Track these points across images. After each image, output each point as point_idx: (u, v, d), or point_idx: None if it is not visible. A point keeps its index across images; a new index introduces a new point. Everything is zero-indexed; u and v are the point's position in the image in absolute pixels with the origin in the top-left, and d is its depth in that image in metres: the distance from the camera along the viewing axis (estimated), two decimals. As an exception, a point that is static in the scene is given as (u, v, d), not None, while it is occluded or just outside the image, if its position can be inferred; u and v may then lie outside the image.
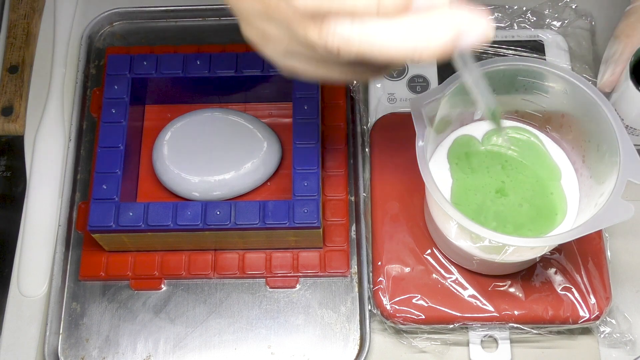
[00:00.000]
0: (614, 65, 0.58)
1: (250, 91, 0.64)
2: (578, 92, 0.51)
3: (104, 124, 0.60)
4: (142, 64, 0.62)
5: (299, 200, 0.57)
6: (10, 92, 0.68)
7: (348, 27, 0.34)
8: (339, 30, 0.34)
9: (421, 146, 0.48)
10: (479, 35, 0.33)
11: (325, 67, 0.39)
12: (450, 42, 0.33)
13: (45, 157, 0.65)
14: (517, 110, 0.56)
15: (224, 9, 0.70)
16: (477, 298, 0.56)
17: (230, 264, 0.60)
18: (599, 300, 0.55)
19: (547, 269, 0.57)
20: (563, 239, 0.47)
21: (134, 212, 0.56)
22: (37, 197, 0.64)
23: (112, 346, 0.58)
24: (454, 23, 0.32)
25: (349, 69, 0.39)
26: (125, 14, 0.71)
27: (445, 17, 0.33)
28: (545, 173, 0.55)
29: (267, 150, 0.61)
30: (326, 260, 0.60)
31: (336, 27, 0.34)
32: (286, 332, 0.58)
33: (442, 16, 0.33)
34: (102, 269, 0.60)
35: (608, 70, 0.59)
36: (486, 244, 0.49)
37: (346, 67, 0.38)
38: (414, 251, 0.58)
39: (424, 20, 0.33)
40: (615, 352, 0.57)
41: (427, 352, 0.57)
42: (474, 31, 0.33)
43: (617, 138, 0.48)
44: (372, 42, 0.34)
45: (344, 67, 0.38)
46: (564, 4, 0.68)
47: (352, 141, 0.64)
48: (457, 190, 0.54)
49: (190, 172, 0.60)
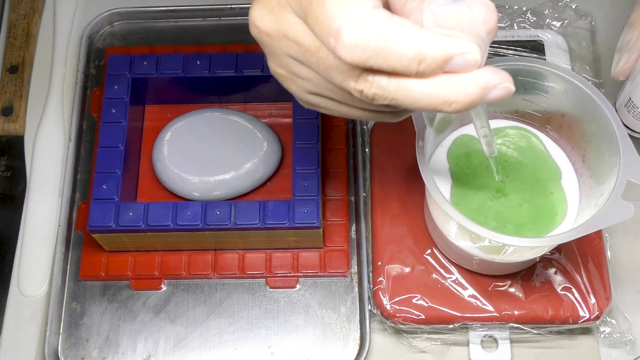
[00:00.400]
0: (629, 53, 0.58)
1: (250, 91, 0.64)
2: (578, 92, 0.51)
3: (104, 124, 0.60)
4: (142, 64, 0.62)
5: (299, 200, 0.57)
6: (10, 92, 0.68)
7: (385, 79, 0.36)
8: (377, 80, 0.36)
9: (421, 146, 0.48)
10: (503, 91, 0.36)
11: (349, 108, 0.40)
12: (478, 97, 0.36)
13: (45, 157, 0.65)
14: (517, 110, 0.56)
15: (223, 9, 0.70)
16: (477, 298, 0.56)
17: (230, 264, 0.60)
18: (599, 300, 0.55)
19: (547, 269, 0.57)
20: (563, 239, 0.47)
21: (134, 212, 0.56)
22: (37, 197, 0.64)
23: (112, 346, 0.58)
24: (481, 80, 0.35)
25: (371, 112, 0.40)
26: (125, 14, 0.71)
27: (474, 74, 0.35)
28: (545, 173, 0.55)
29: (267, 150, 0.61)
30: (326, 260, 0.60)
31: (374, 78, 0.36)
32: (286, 332, 0.59)
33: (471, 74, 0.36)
34: (102, 269, 0.60)
35: (622, 58, 0.58)
36: (486, 244, 0.49)
37: (370, 110, 0.40)
38: (414, 251, 0.58)
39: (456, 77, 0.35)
40: (615, 352, 0.57)
41: (427, 352, 0.57)
42: (499, 87, 0.36)
43: (617, 138, 0.48)
44: (406, 93, 0.36)
45: (368, 111, 0.40)
46: (564, 4, 0.68)
47: (352, 141, 0.64)
48: (457, 190, 0.54)
49: (190, 172, 0.60)
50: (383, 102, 0.37)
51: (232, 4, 0.70)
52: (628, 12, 0.63)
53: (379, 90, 0.36)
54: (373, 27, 0.34)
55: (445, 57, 0.35)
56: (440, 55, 0.34)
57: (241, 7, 0.70)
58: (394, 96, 0.36)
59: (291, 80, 0.41)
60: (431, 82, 0.35)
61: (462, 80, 0.35)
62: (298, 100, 0.43)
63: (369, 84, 0.36)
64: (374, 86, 0.36)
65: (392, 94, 0.36)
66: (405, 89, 0.36)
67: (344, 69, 0.36)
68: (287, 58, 0.39)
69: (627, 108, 0.59)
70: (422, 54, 0.34)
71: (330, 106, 0.41)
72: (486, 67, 0.36)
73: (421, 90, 0.36)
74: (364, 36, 0.34)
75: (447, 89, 0.35)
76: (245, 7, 0.70)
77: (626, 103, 0.59)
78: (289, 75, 0.41)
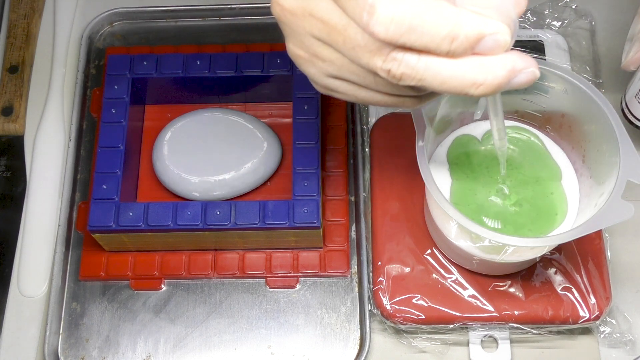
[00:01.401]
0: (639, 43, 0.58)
1: (250, 91, 0.64)
2: (578, 92, 0.51)
3: (104, 124, 0.60)
4: (142, 64, 0.62)
5: (299, 200, 0.57)
6: (10, 92, 0.68)
7: (415, 57, 0.35)
8: (406, 58, 0.35)
9: (421, 146, 0.48)
10: (529, 75, 0.36)
11: (369, 92, 0.40)
12: (506, 80, 0.35)
13: (45, 157, 0.65)
14: (517, 110, 0.56)
15: (223, 9, 0.71)
16: (477, 298, 0.56)
17: (230, 264, 0.60)
18: (599, 300, 0.55)
19: (547, 269, 0.57)
20: (563, 239, 0.47)
21: (134, 212, 0.56)
22: (37, 197, 0.64)
23: (112, 346, 0.58)
24: (510, 63, 0.35)
25: (392, 96, 0.40)
26: (125, 14, 0.71)
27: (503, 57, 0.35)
28: (545, 173, 0.55)
29: (267, 150, 0.61)
30: (326, 260, 0.60)
31: (404, 56, 0.35)
32: (286, 332, 0.59)
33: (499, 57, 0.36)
34: (102, 269, 0.60)
35: (633, 48, 0.58)
36: (486, 244, 0.49)
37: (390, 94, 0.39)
38: (414, 251, 0.58)
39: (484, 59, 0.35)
40: (615, 352, 0.57)
41: (427, 352, 0.57)
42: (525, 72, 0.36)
43: (617, 138, 0.48)
44: (435, 74, 0.36)
45: (388, 95, 0.40)
46: (564, 4, 0.68)
47: (352, 141, 0.64)
48: (457, 190, 0.54)
49: (190, 172, 0.60)
50: (410, 83, 0.36)
51: (232, 4, 0.70)
52: (628, 12, 0.63)
53: (407, 69, 0.36)
54: (408, 3, 0.34)
55: (477, 36, 0.34)
56: (473, 34, 0.34)
57: (241, 7, 0.70)
58: (422, 76, 0.36)
59: (310, 63, 0.40)
60: (460, 63, 0.35)
61: (490, 63, 0.35)
62: (314, 84, 0.41)
63: (397, 63, 0.36)
64: (403, 65, 0.36)
65: (421, 74, 0.36)
66: (434, 69, 0.35)
67: (372, 48, 0.36)
68: (310, 38, 0.38)
69: (638, 99, 0.59)
70: (455, 32, 0.34)
71: (349, 90, 0.40)
72: (512, 50, 0.36)
73: (450, 71, 0.35)
74: (399, 11, 0.34)
75: (475, 70, 0.35)
76: (245, 7, 0.70)
77: (637, 94, 0.59)
78: (309, 57, 0.39)
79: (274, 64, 0.61)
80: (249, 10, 0.70)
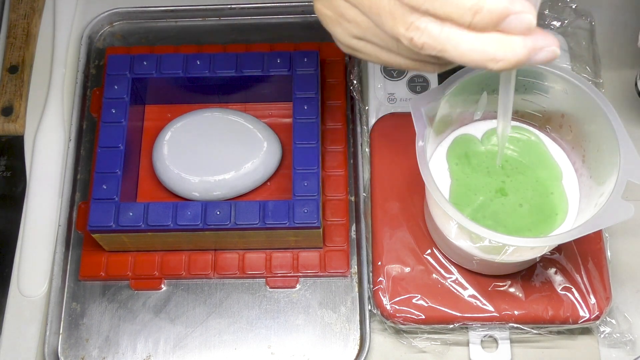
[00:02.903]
0: None
1: (250, 91, 0.64)
2: (578, 92, 0.51)
3: (104, 124, 0.60)
4: (142, 64, 0.62)
5: (299, 200, 0.57)
6: (10, 92, 0.68)
7: (438, 27, 0.36)
8: (429, 28, 0.36)
9: (421, 146, 0.48)
10: (549, 54, 0.36)
11: (391, 55, 0.40)
12: (525, 58, 0.36)
13: (45, 157, 0.65)
14: (517, 110, 0.56)
15: (223, 9, 0.71)
16: (477, 298, 0.56)
17: (230, 264, 0.60)
18: (599, 300, 0.55)
19: (547, 269, 0.57)
20: (563, 239, 0.47)
21: (134, 212, 0.56)
22: (37, 197, 0.64)
23: (112, 346, 0.58)
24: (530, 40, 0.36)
25: (414, 61, 0.40)
26: (125, 14, 0.71)
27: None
28: (546, 173, 0.55)
29: (267, 150, 0.61)
30: (326, 260, 0.60)
31: (427, 25, 0.36)
32: (286, 332, 0.59)
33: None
34: (102, 269, 0.60)
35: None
36: (486, 244, 0.49)
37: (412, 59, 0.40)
38: (414, 251, 0.58)
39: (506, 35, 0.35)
40: (615, 352, 0.57)
41: (427, 352, 0.57)
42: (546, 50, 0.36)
43: (617, 138, 0.48)
44: (456, 45, 0.36)
45: (410, 59, 0.40)
46: (564, 4, 0.68)
47: (352, 141, 0.64)
48: (457, 190, 0.54)
49: (190, 172, 0.60)
50: (431, 52, 0.37)
51: (232, 4, 0.70)
52: (628, 12, 0.63)
53: (429, 39, 0.36)
54: None
55: (501, 12, 0.34)
56: (497, 9, 0.34)
57: (241, 7, 0.70)
58: (443, 47, 0.36)
59: (337, 23, 0.40)
60: (481, 37, 0.35)
61: (512, 39, 0.35)
62: (338, 43, 0.42)
63: (419, 32, 0.36)
64: (425, 35, 0.36)
65: (442, 44, 0.36)
66: (455, 41, 0.36)
67: (397, 14, 0.36)
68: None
69: None
70: (479, 5, 0.34)
71: (372, 52, 0.41)
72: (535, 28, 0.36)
73: (471, 44, 0.35)
74: None
75: (496, 46, 0.35)
76: (245, 7, 0.70)
77: None
78: (336, 17, 0.40)
79: (274, 64, 0.61)
80: (249, 10, 0.70)
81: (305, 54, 0.62)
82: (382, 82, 0.65)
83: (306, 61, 0.61)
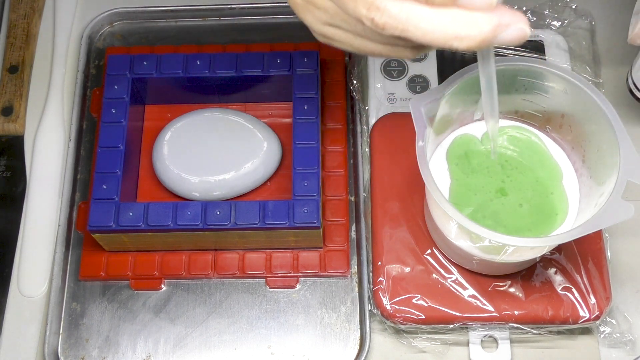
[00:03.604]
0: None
1: (250, 91, 0.64)
2: (578, 92, 0.51)
3: (104, 124, 0.60)
4: (142, 64, 0.62)
5: (299, 200, 0.57)
6: (10, 92, 0.68)
7: (397, 6, 0.36)
8: (389, 7, 0.36)
9: (421, 146, 0.48)
10: (517, 32, 0.36)
11: (363, 41, 0.40)
12: (490, 34, 0.35)
13: (45, 157, 0.65)
14: (517, 110, 0.56)
15: (223, 9, 0.71)
16: (477, 298, 0.56)
17: (230, 264, 0.60)
18: (599, 300, 0.55)
19: (547, 269, 0.57)
20: (563, 239, 0.47)
21: (134, 212, 0.56)
22: (37, 197, 0.64)
23: (112, 346, 0.58)
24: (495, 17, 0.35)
25: (385, 46, 0.40)
26: (125, 14, 0.71)
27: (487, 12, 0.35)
28: (546, 173, 0.55)
29: (267, 150, 0.61)
30: (326, 260, 0.60)
31: (386, 5, 0.36)
32: (286, 332, 0.59)
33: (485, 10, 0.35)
34: (102, 269, 0.60)
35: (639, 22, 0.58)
36: (486, 244, 0.49)
37: (383, 43, 0.40)
38: (414, 251, 0.58)
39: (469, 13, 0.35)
40: (615, 352, 0.57)
41: (427, 352, 0.57)
42: (513, 28, 0.35)
43: (617, 138, 0.48)
44: (417, 23, 0.36)
45: (381, 44, 0.40)
46: (564, 4, 0.68)
47: (352, 141, 0.64)
48: (457, 190, 0.54)
49: (190, 172, 0.60)
50: (394, 33, 0.37)
51: (232, 4, 0.70)
52: (628, 12, 0.63)
53: (389, 19, 0.36)
54: None
55: None
56: None
57: (241, 7, 0.70)
58: (404, 26, 0.36)
59: (307, 10, 0.41)
60: (443, 14, 0.35)
61: (475, 17, 0.35)
62: (313, 32, 0.42)
63: (380, 13, 0.36)
64: (385, 14, 0.36)
65: (403, 23, 0.36)
66: (416, 19, 0.36)
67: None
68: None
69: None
70: None
71: (345, 39, 0.41)
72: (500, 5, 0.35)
73: (432, 21, 0.35)
74: None
75: (459, 23, 0.35)
76: (245, 7, 0.70)
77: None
78: (305, 4, 0.41)
79: (274, 64, 0.61)
80: (249, 10, 0.71)
81: (305, 54, 0.62)
82: (382, 82, 0.65)
83: (306, 61, 0.61)
